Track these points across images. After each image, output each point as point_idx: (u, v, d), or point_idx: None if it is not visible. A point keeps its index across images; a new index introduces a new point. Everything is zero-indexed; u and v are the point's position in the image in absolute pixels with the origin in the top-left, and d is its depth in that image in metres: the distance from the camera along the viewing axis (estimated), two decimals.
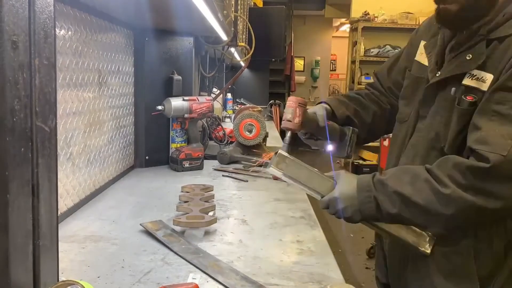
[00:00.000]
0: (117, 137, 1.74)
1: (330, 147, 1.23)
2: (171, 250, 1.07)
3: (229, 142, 2.44)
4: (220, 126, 2.49)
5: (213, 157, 2.14)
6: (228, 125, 2.84)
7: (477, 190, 0.91)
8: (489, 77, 0.97)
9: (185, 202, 1.39)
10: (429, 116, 1.10)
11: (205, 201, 1.40)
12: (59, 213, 1.09)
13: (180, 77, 1.98)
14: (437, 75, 1.08)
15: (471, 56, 1.01)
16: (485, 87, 0.97)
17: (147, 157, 1.98)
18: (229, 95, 4.53)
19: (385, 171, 1.06)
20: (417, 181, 0.98)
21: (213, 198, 1.49)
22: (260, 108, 2.33)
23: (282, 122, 1.18)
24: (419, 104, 1.14)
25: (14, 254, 0.43)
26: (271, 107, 5.19)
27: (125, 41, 1.80)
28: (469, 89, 1.00)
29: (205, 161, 2.04)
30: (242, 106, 3.63)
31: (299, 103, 1.17)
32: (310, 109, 1.25)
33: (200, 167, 1.99)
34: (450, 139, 1.03)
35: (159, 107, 1.88)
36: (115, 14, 1.61)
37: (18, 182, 0.43)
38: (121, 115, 1.78)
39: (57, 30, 1.19)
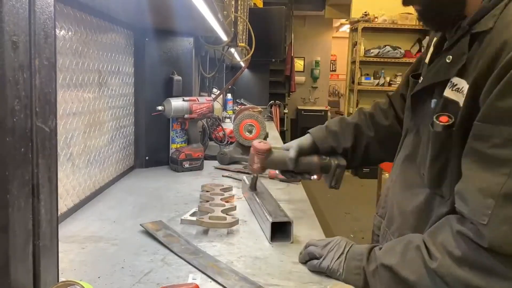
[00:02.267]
0: (117, 137, 1.74)
1: (314, 177, 1.22)
2: (171, 251, 1.07)
3: (229, 142, 2.44)
4: (220, 127, 2.49)
5: (213, 158, 2.14)
6: (228, 126, 2.84)
7: (471, 265, 0.71)
8: (466, 89, 0.77)
9: (206, 201, 1.39)
10: (414, 131, 0.96)
11: (225, 201, 1.40)
12: (59, 213, 1.09)
13: (180, 78, 1.99)
14: (419, 81, 0.94)
15: (451, 58, 0.82)
16: (462, 102, 0.77)
17: (147, 158, 1.98)
18: (229, 96, 4.53)
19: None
20: (408, 250, 0.81)
21: (233, 199, 1.50)
22: (260, 109, 2.33)
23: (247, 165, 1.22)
24: (410, 116, 1.00)
25: (14, 254, 0.43)
26: (271, 108, 5.19)
27: (125, 41, 1.80)
28: (448, 103, 0.81)
29: (205, 161, 2.04)
30: (242, 106, 3.63)
31: (257, 152, 1.17)
32: (285, 145, 1.23)
33: (200, 168, 1.99)
34: (427, 167, 0.85)
35: (159, 108, 1.88)
36: (115, 15, 1.61)
37: (18, 182, 0.43)
38: (121, 116, 1.78)
39: (57, 31, 1.19)
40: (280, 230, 1.16)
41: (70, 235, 1.16)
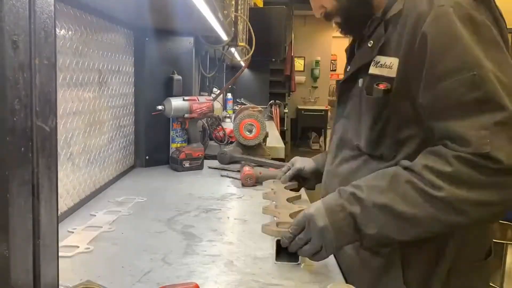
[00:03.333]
0: (117, 137, 1.74)
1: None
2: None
3: (229, 142, 2.44)
4: (220, 126, 2.49)
5: (213, 157, 2.14)
6: (228, 125, 2.84)
7: (466, 182, 0.79)
8: (394, 61, 0.90)
9: (272, 202, 1.30)
10: (344, 115, 1.07)
11: (292, 202, 1.31)
12: (59, 213, 1.09)
13: (180, 77, 1.98)
14: (347, 70, 1.07)
15: (372, 42, 0.96)
16: (393, 73, 0.90)
17: (147, 157, 1.98)
18: (229, 95, 4.53)
19: (354, 182, 0.92)
20: (399, 185, 0.84)
21: (300, 199, 1.43)
22: (260, 108, 2.32)
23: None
24: (337, 105, 1.12)
25: (14, 254, 0.42)
26: (271, 107, 5.19)
27: (125, 41, 1.80)
28: (376, 78, 0.93)
29: (205, 161, 2.04)
30: (242, 106, 3.63)
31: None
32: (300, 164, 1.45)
33: (200, 167, 1.99)
34: (365, 134, 0.96)
35: (159, 107, 1.88)
36: (115, 14, 1.61)
37: (18, 182, 0.43)
38: (121, 115, 1.78)
39: (58, 30, 1.19)
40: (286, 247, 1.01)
41: (70, 235, 1.16)
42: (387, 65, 0.92)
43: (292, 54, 8.11)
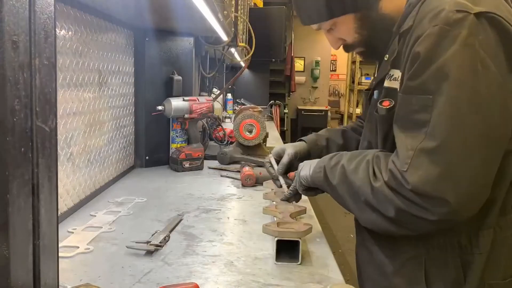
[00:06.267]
0: (117, 137, 1.74)
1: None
2: None
3: (229, 142, 2.44)
4: (220, 127, 2.49)
5: (213, 158, 2.14)
6: (228, 126, 2.84)
7: (392, 189, 0.84)
8: (399, 75, 0.91)
9: (272, 202, 1.26)
10: (369, 125, 1.08)
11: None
12: (59, 213, 1.09)
13: (180, 77, 1.98)
14: (371, 86, 1.07)
15: (387, 56, 0.97)
16: (398, 85, 0.91)
17: (147, 157, 1.98)
18: (229, 96, 4.53)
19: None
20: (362, 162, 0.93)
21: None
22: (260, 109, 2.32)
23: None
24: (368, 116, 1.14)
25: (14, 254, 0.42)
26: (271, 108, 5.19)
27: (125, 41, 1.80)
28: (388, 91, 0.95)
29: (205, 161, 2.04)
30: (242, 106, 3.63)
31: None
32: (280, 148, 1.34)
33: (200, 167, 1.99)
34: (380, 147, 0.98)
35: (159, 107, 1.88)
36: (115, 14, 1.61)
37: (18, 182, 0.43)
38: (121, 115, 1.78)
39: (58, 30, 1.19)
40: (286, 247, 1.04)
41: (70, 235, 1.16)
42: (395, 78, 0.93)
43: (292, 54, 8.12)
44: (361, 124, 1.32)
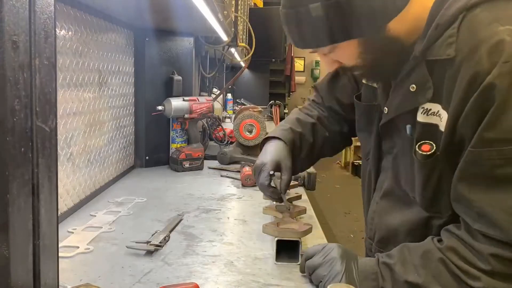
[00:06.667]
0: (117, 137, 1.74)
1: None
2: None
3: (229, 142, 2.44)
4: (220, 127, 2.49)
5: (213, 158, 2.14)
6: (228, 126, 2.84)
7: (506, 277, 0.74)
8: (443, 114, 0.80)
9: (272, 202, 1.23)
10: (394, 152, 0.96)
11: (292, 202, 1.27)
12: (59, 213, 1.09)
13: (180, 77, 1.98)
14: (384, 111, 0.94)
15: (415, 87, 0.83)
16: (442, 126, 0.80)
17: (147, 157, 1.98)
18: (229, 96, 4.53)
19: (389, 252, 0.88)
20: (431, 263, 0.80)
21: (300, 198, 1.36)
22: (260, 109, 2.33)
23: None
24: (377, 138, 1.00)
25: (14, 254, 0.43)
26: (271, 108, 5.19)
27: (125, 41, 1.80)
28: (426, 126, 0.83)
29: (205, 161, 2.04)
30: (242, 106, 3.63)
31: None
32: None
33: (200, 168, 1.99)
34: (419, 192, 0.87)
35: (159, 107, 1.88)
36: (115, 14, 1.61)
37: (18, 182, 0.43)
38: (121, 115, 1.78)
39: (58, 30, 1.19)
40: (287, 247, 1.03)
41: (70, 235, 1.16)
42: (434, 113, 0.82)
43: (292, 55, 8.11)
44: (324, 113, 1.24)
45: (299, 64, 9.38)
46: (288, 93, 8.22)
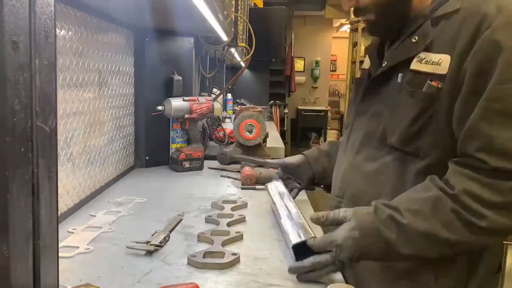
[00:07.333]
0: (117, 137, 1.74)
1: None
2: None
3: (229, 142, 2.44)
4: (220, 127, 2.49)
5: (213, 158, 2.14)
6: (228, 126, 2.84)
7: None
8: (444, 58, 0.87)
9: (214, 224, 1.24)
10: (370, 111, 1.03)
11: (233, 224, 1.26)
12: (59, 213, 1.09)
13: (180, 78, 1.98)
14: (383, 65, 1.00)
15: (417, 38, 0.92)
16: (442, 70, 0.87)
17: (147, 158, 1.98)
18: (229, 96, 4.53)
19: (393, 201, 0.89)
20: (442, 212, 0.83)
21: (244, 221, 1.31)
22: (260, 109, 2.32)
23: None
24: (359, 101, 1.08)
25: (14, 254, 0.42)
26: (271, 108, 5.19)
27: (125, 41, 1.80)
28: (420, 74, 0.91)
29: (205, 161, 2.04)
30: (242, 106, 3.63)
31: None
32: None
33: (200, 168, 1.99)
34: (402, 128, 0.93)
35: (159, 108, 1.88)
36: (115, 15, 1.61)
37: (18, 182, 0.43)
38: (121, 116, 1.78)
39: (58, 30, 1.19)
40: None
41: (70, 235, 1.16)
42: (434, 62, 0.89)
43: (292, 55, 8.12)
44: None
45: (299, 64, 9.38)
46: (288, 93, 8.23)
